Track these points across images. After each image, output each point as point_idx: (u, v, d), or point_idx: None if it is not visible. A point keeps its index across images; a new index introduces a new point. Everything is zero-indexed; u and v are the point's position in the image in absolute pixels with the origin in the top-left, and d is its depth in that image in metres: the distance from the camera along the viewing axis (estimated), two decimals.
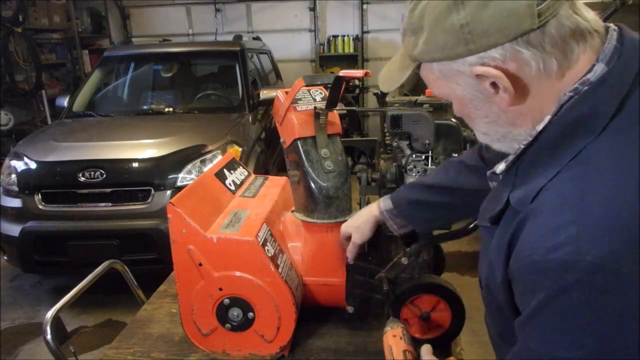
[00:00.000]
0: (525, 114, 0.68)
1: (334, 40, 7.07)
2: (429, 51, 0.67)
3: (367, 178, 1.30)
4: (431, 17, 0.65)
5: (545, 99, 0.66)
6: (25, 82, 5.96)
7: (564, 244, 0.58)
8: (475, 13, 0.61)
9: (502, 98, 0.66)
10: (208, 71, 5.08)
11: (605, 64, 0.63)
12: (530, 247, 0.62)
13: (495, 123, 0.71)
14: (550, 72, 0.64)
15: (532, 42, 0.61)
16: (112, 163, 3.15)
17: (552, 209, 0.62)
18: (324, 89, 1.36)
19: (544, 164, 0.66)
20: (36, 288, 3.65)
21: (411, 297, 1.23)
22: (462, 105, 0.73)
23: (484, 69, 0.64)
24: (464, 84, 0.68)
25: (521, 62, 0.63)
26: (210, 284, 1.21)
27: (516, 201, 0.68)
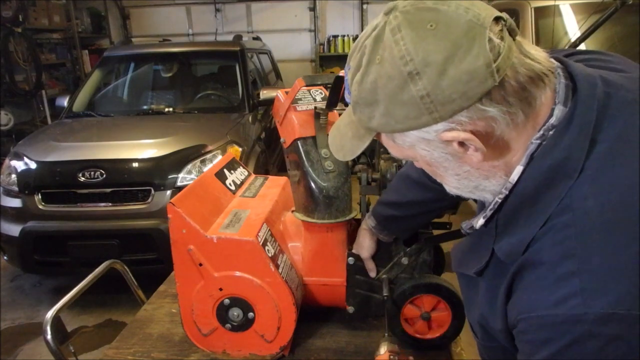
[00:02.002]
0: (498, 166, 0.67)
1: (334, 40, 7.08)
2: (389, 124, 0.64)
3: (367, 178, 1.30)
4: (386, 91, 0.61)
5: (516, 149, 0.65)
6: (25, 82, 5.97)
7: (568, 298, 0.57)
8: (434, 82, 0.58)
9: (473, 156, 0.65)
10: (208, 71, 5.08)
11: (562, 104, 0.63)
12: (534, 302, 0.62)
13: (467, 179, 0.70)
14: (518, 122, 0.63)
15: (496, 99, 0.59)
16: (112, 163, 3.14)
17: (550, 262, 0.61)
18: (324, 89, 1.36)
19: (526, 215, 0.65)
20: (36, 288, 3.65)
21: (411, 297, 1.23)
22: (429, 165, 0.71)
23: (453, 134, 0.62)
24: (430, 149, 0.66)
25: (489, 120, 0.61)
26: (210, 284, 1.21)
27: (505, 255, 0.68)
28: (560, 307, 0.58)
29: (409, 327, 1.26)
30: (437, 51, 0.58)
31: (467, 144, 0.63)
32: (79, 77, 6.81)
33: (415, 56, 0.58)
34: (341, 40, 7.03)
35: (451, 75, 0.58)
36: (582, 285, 0.57)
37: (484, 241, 0.72)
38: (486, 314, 0.75)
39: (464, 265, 0.80)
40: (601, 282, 0.56)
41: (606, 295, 0.56)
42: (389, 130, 0.66)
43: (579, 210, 0.60)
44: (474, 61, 0.57)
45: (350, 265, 1.28)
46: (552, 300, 0.59)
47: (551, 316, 0.59)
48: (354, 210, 1.31)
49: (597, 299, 0.56)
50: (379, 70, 0.62)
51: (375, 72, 0.62)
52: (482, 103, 0.59)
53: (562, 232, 0.61)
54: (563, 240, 0.60)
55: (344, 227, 1.32)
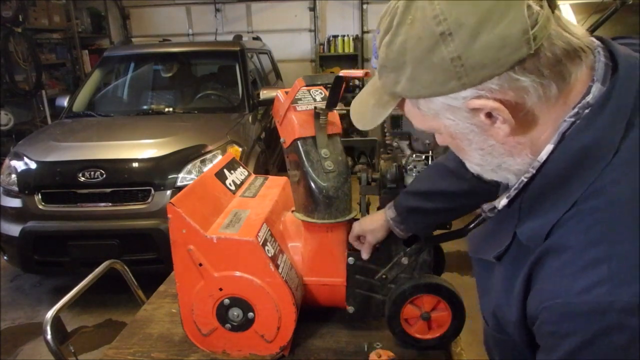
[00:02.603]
0: (524, 143, 0.64)
1: (334, 40, 7.07)
2: (415, 89, 0.62)
3: (367, 178, 1.30)
4: (415, 53, 0.59)
5: (546, 125, 0.62)
6: (25, 82, 5.96)
7: (596, 285, 0.54)
8: (466, 45, 0.56)
9: (500, 129, 0.62)
10: (208, 71, 5.08)
11: (601, 83, 0.60)
12: (557, 290, 0.58)
13: (491, 155, 0.67)
14: (551, 97, 0.60)
15: (529, 68, 0.57)
16: (112, 163, 3.15)
17: (577, 247, 0.58)
18: (324, 89, 1.36)
19: (553, 197, 0.62)
20: (36, 288, 3.65)
21: (411, 297, 1.23)
22: (453, 137, 0.68)
23: (481, 102, 0.59)
24: (455, 119, 0.64)
25: (520, 90, 0.59)
26: (210, 284, 1.21)
27: (527, 238, 0.65)
28: (586, 295, 0.55)
29: (409, 327, 1.26)
30: (472, 13, 0.56)
31: (494, 115, 0.61)
32: (79, 77, 6.81)
33: (448, 16, 0.56)
34: (341, 40, 7.03)
35: (484, 39, 0.56)
36: (611, 272, 0.54)
37: (505, 224, 0.69)
38: (502, 303, 0.71)
39: (481, 250, 0.76)
40: (631, 270, 0.53)
41: (636, 283, 0.53)
42: (415, 96, 0.64)
43: (610, 194, 0.57)
44: (510, 26, 0.55)
45: (350, 265, 1.28)
46: (577, 288, 0.56)
47: (576, 304, 0.56)
48: (354, 210, 1.31)
49: (626, 287, 0.53)
50: (409, 31, 0.60)
51: (405, 33, 0.60)
52: (515, 71, 0.57)
53: (591, 216, 0.58)
54: (591, 225, 0.57)
55: (344, 227, 1.32)
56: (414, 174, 1.19)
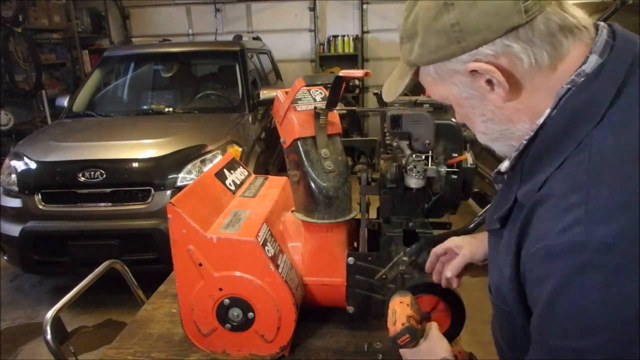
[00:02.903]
0: (521, 110, 0.69)
1: (334, 40, 7.07)
2: (424, 54, 0.70)
3: (367, 178, 1.30)
4: (424, 21, 0.68)
5: (540, 92, 0.67)
6: (25, 82, 5.96)
7: (572, 226, 0.58)
8: (464, 12, 0.64)
9: (497, 94, 0.68)
10: (208, 71, 5.08)
11: (598, 55, 0.65)
12: (541, 234, 0.62)
13: (492, 121, 0.72)
14: (542, 65, 0.65)
15: (521, 37, 0.63)
16: (112, 163, 3.14)
17: (559, 194, 0.62)
18: (324, 89, 1.36)
19: (549, 157, 0.66)
20: (36, 288, 3.65)
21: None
22: (459, 105, 0.74)
23: (477, 64, 0.66)
24: (459, 84, 0.70)
25: (512, 56, 0.65)
26: (210, 284, 1.21)
27: (523, 196, 0.69)
28: (563, 235, 0.58)
29: None
30: None
31: (492, 80, 0.66)
32: (79, 77, 6.80)
33: None
34: (341, 40, 7.02)
35: (480, 7, 0.63)
36: (587, 214, 0.57)
37: (509, 189, 0.73)
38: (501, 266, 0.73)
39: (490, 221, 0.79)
40: (606, 212, 0.57)
41: (609, 224, 0.56)
42: (424, 61, 0.71)
43: (596, 149, 0.61)
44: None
45: (350, 265, 1.28)
46: (557, 229, 0.59)
47: (554, 245, 0.59)
48: (353, 210, 1.31)
49: (600, 227, 0.56)
50: (422, 3, 0.68)
51: (419, 5, 0.69)
52: (508, 38, 0.63)
53: (575, 167, 0.62)
54: (575, 174, 0.61)
55: (344, 227, 1.32)
56: (414, 174, 1.19)
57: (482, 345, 2.45)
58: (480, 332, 1.20)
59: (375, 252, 1.28)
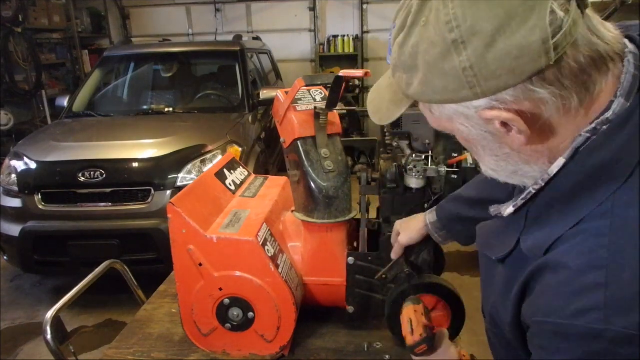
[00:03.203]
0: (541, 152, 0.61)
1: (334, 40, 7.07)
2: (426, 93, 0.59)
3: (367, 178, 1.30)
4: (426, 58, 0.57)
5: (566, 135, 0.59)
6: (25, 82, 5.96)
7: (590, 310, 0.53)
8: (480, 54, 0.53)
9: (516, 138, 0.59)
10: (208, 71, 5.08)
11: (624, 98, 0.56)
12: (551, 308, 0.58)
13: (506, 162, 0.64)
14: (571, 109, 0.56)
15: (548, 79, 0.54)
16: (112, 163, 3.15)
17: (576, 268, 0.56)
18: (324, 89, 1.36)
19: (560, 211, 0.60)
20: (36, 288, 3.65)
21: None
22: (468, 142, 0.66)
23: (494, 113, 0.56)
24: (469, 125, 0.61)
25: (537, 102, 0.55)
26: (210, 284, 1.21)
27: (528, 248, 0.64)
28: (579, 318, 0.54)
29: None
30: (488, 19, 0.52)
31: (510, 124, 0.58)
32: (79, 77, 6.80)
33: (462, 23, 0.53)
34: (341, 40, 7.02)
35: (500, 48, 0.52)
36: (607, 299, 0.52)
37: (511, 229, 0.68)
38: (498, 303, 0.71)
39: (487, 247, 0.76)
40: (627, 300, 0.52)
41: (630, 314, 0.51)
42: (426, 100, 0.62)
43: (619, 218, 0.55)
44: (529, 35, 0.51)
45: (350, 265, 1.28)
46: (572, 310, 0.55)
47: (568, 326, 0.55)
48: (353, 210, 1.31)
49: (620, 316, 0.52)
50: (422, 33, 0.56)
51: (418, 35, 0.57)
52: (532, 83, 0.54)
53: (595, 239, 0.55)
54: (595, 248, 0.55)
55: (343, 227, 1.32)
56: (414, 174, 1.19)
57: (482, 345, 2.45)
58: (480, 332, 1.20)
59: (375, 252, 1.28)
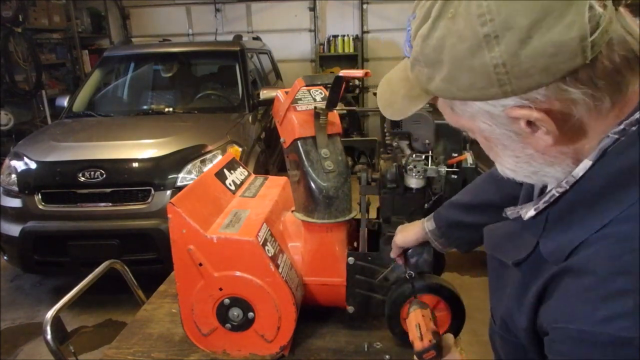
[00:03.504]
0: (567, 153, 0.59)
1: (334, 40, 7.07)
2: (450, 90, 0.57)
3: (367, 178, 1.30)
4: (454, 52, 0.54)
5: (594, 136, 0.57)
6: (25, 82, 5.96)
7: (618, 317, 0.51)
8: (513, 51, 0.50)
9: (541, 139, 0.57)
10: (208, 71, 5.08)
11: None
12: (575, 314, 0.55)
13: (528, 163, 0.62)
14: (602, 110, 0.55)
15: (582, 79, 0.52)
16: (112, 163, 3.15)
17: (602, 274, 0.53)
18: (324, 89, 1.36)
19: (583, 215, 0.58)
20: (36, 288, 3.65)
21: (411, 297, 1.23)
22: (487, 141, 0.63)
23: (524, 112, 0.54)
24: (492, 124, 0.59)
25: (568, 102, 0.53)
26: (210, 284, 1.21)
27: (549, 252, 0.61)
28: (606, 325, 0.51)
29: None
30: (524, 13, 0.49)
31: (537, 124, 0.56)
32: (79, 77, 6.80)
33: (496, 16, 0.50)
34: (341, 40, 7.02)
35: (535, 44, 0.49)
36: (636, 306, 0.50)
37: (528, 232, 0.65)
38: (512, 308, 0.68)
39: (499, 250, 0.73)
40: None
41: None
42: (449, 97, 0.59)
43: None
44: (566, 31, 0.48)
45: (350, 265, 1.28)
46: (598, 317, 0.52)
47: (595, 334, 0.52)
48: (353, 210, 1.31)
49: None
50: (450, 26, 0.53)
51: (445, 28, 0.54)
52: (565, 82, 0.52)
53: (622, 244, 0.53)
54: (621, 253, 0.52)
55: (343, 227, 1.32)
56: (414, 174, 1.19)
57: (482, 345, 2.46)
58: (480, 332, 1.20)
59: (375, 252, 1.28)
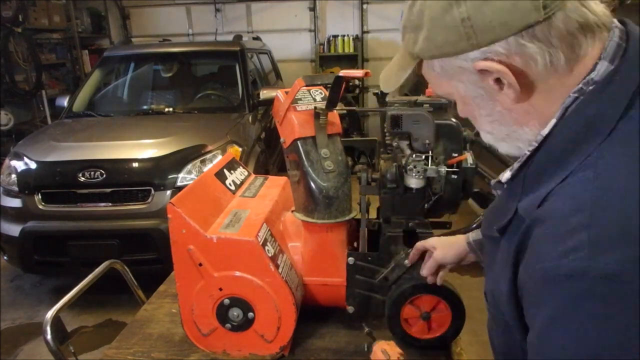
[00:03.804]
0: (532, 113, 0.66)
1: (334, 40, 7.07)
2: (430, 48, 0.65)
3: (367, 178, 1.30)
4: (431, 13, 0.63)
5: (553, 95, 0.64)
6: (25, 82, 5.96)
7: (574, 250, 0.54)
8: (477, 7, 0.59)
9: (507, 95, 0.64)
10: (208, 71, 5.08)
11: (608, 61, 0.61)
12: (540, 255, 0.59)
13: (499, 122, 0.69)
14: (558, 67, 0.61)
15: (538, 36, 0.59)
16: (112, 163, 3.15)
17: (562, 213, 0.58)
18: (324, 89, 1.36)
19: (552, 170, 0.63)
20: (36, 288, 3.65)
21: (411, 297, 1.23)
22: (465, 104, 0.71)
23: (487, 63, 0.62)
24: (466, 81, 0.66)
25: (526, 56, 0.60)
26: (210, 284, 1.21)
27: (524, 209, 0.65)
28: (563, 259, 0.55)
29: (409, 327, 1.26)
30: None
31: (502, 80, 0.63)
32: (79, 77, 6.80)
33: None
34: (341, 40, 7.02)
35: (495, 2, 0.59)
36: (590, 239, 0.54)
37: (510, 199, 0.70)
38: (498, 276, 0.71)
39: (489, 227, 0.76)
40: (610, 239, 0.53)
41: (613, 253, 0.52)
42: (429, 56, 0.67)
43: (602, 166, 0.58)
44: None
45: (350, 265, 1.28)
46: (558, 252, 0.56)
47: (553, 269, 0.56)
48: (353, 210, 1.31)
49: (603, 254, 0.53)
50: None
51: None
52: (523, 37, 0.59)
53: (579, 185, 0.58)
54: (578, 194, 0.58)
55: (343, 227, 1.32)
56: (414, 174, 1.19)
57: (482, 345, 2.46)
58: (480, 332, 1.20)
59: (375, 252, 1.28)
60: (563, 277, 0.55)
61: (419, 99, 1.32)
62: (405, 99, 1.34)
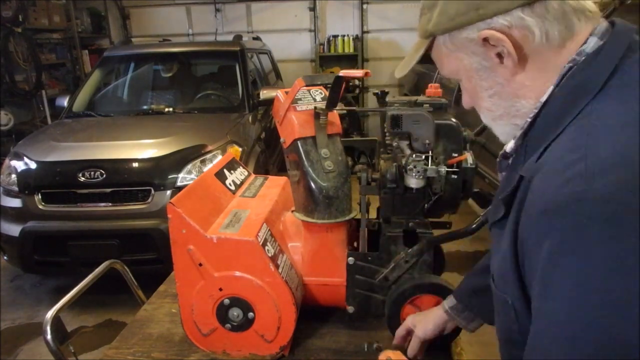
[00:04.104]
0: (528, 86, 0.72)
1: (334, 40, 7.07)
2: (442, 22, 0.73)
3: (367, 178, 1.30)
4: None
5: (547, 69, 0.71)
6: (25, 82, 5.96)
7: (572, 179, 0.57)
8: None
9: (506, 67, 0.71)
10: (208, 71, 5.08)
11: (598, 38, 0.69)
12: (538, 193, 0.62)
13: (499, 96, 0.75)
14: (552, 42, 0.69)
15: (536, 12, 0.67)
16: (112, 163, 3.15)
17: (559, 155, 0.63)
18: (324, 89, 1.36)
19: (550, 131, 0.68)
20: (36, 288, 3.65)
21: (411, 297, 1.23)
22: (468, 78, 0.77)
23: (491, 32, 0.69)
24: (471, 53, 0.73)
25: (525, 29, 0.68)
26: (210, 284, 1.21)
27: (525, 170, 0.68)
28: (563, 188, 0.57)
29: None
30: None
31: (502, 54, 0.70)
32: (79, 77, 6.80)
33: None
34: (341, 40, 7.02)
35: None
36: (587, 167, 0.57)
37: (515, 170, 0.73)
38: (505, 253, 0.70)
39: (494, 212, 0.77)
40: (606, 165, 0.56)
41: (610, 175, 0.55)
42: (442, 29, 0.74)
43: (594, 114, 0.63)
44: None
45: (350, 265, 1.28)
46: (557, 184, 0.59)
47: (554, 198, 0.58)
48: (353, 210, 1.31)
49: (600, 178, 0.55)
50: None
51: None
52: (523, 11, 0.67)
53: (574, 132, 0.64)
54: (574, 137, 0.63)
55: (343, 227, 1.32)
56: (414, 174, 1.19)
57: (482, 345, 2.46)
58: (480, 332, 1.20)
59: (375, 252, 1.28)
60: (563, 206, 0.57)
61: (419, 99, 1.32)
62: (405, 99, 1.34)
